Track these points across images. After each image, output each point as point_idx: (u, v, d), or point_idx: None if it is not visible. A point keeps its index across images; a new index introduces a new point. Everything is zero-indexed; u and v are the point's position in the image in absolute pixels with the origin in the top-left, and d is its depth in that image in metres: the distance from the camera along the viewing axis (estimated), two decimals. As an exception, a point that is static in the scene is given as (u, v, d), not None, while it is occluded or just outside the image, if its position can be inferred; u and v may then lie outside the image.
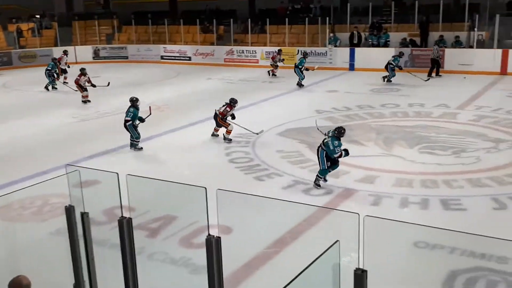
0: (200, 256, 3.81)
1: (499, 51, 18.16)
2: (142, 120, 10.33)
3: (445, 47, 19.43)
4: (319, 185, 8.20)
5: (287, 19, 22.97)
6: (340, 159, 8.16)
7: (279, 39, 23.43)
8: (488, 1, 20.94)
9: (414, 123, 11.84)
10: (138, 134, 10.37)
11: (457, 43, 19.44)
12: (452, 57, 18.84)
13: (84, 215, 3.98)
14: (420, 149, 9.99)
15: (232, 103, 10.88)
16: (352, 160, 9.45)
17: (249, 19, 24.15)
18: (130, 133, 10.33)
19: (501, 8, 20.66)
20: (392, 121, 12.23)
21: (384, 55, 18.81)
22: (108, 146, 10.67)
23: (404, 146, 10.18)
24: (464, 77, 16.41)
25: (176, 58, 25.33)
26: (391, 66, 17.24)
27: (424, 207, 7.37)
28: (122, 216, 3.74)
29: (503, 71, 17.96)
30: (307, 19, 22.63)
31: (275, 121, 12.22)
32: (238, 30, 25.23)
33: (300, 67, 17.11)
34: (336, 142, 7.97)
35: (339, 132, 8.08)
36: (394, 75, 17.27)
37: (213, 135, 11.13)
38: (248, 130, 11.05)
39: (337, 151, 7.95)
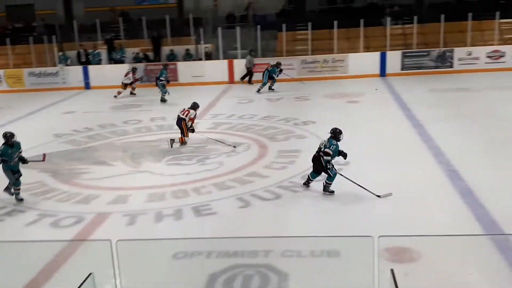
0: None
1: (225, 61, 19.81)
2: (23, 160, 8.28)
3: (177, 60, 20.37)
4: (333, 191, 7.94)
5: (8, 39, 21.00)
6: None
7: (3, 60, 21.27)
8: (210, 15, 22.67)
9: (158, 137, 12.05)
10: (13, 179, 8.24)
11: (188, 56, 20.57)
12: (185, 70, 19.81)
13: None
14: (168, 161, 10.21)
15: (195, 107, 11.19)
16: (102, 182, 9.17)
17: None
18: None
19: (222, 21, 22.59)
20: (136, 137, 12.23)
21: (120, 71, 18.78)
22: None
23: (152, 161, 10.28)
24: (376, 89, 16.59)
25: None
26: (272, 75, 17.10)
27: (178, 218, 7.53)
28: None
29: (231, 80, 19.65)
30: (31, 38, 21.08)
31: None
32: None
33: (162, 79, 16.05)
34: (334, 142, 7.82)
35: (334, 132, 7.86)
36: (273, 83, 17.23)
37: (172, 142, 10.95)
38: (225, 144, 10.89)
39: (331, 149, 7.74)
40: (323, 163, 7.83)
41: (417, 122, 11.99)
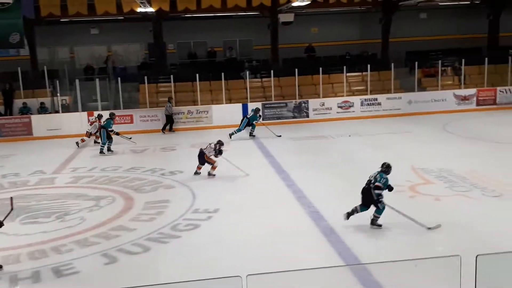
0: None
1: (85, 113, 19.00)
2: None
3: (31, 113, 19.17)
4: (380, 225, 8.08)
5: None
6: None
7: None
8: (66, 67, 21.80)
9: (11, 195, 11.01)
10: None
11: (43, 109, 19.45)
12: (39, 123, 18.67)
13: None
14: (22, 220, 9.37)
15: (219, 144, 11.68)
16: None
17: None
18: None
19: (79, 73, 21.84)
20: (-15, 196, 11.09)
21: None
22: None
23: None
24: (349, 135, 16.48)
25: None
26: (253, 122, 17.18)
27: (37, 281, 6.87)
28: None
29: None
30: None
31: None
32: None
33: (109, 129, 15.33)
34: (385, 175, 7.96)
35: (387, 167, 8.07)
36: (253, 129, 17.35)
37: (196, 173, 11.87)
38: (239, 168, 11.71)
39: (381, 182, 7.90)
40: (373, 196, 7.99)
41: (280, 168, 12.46)
